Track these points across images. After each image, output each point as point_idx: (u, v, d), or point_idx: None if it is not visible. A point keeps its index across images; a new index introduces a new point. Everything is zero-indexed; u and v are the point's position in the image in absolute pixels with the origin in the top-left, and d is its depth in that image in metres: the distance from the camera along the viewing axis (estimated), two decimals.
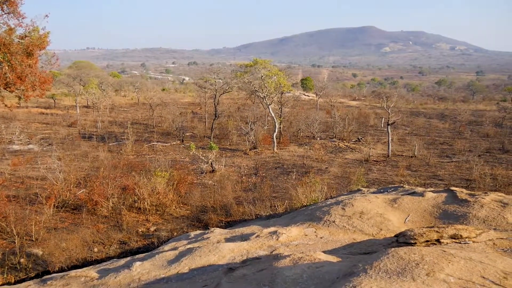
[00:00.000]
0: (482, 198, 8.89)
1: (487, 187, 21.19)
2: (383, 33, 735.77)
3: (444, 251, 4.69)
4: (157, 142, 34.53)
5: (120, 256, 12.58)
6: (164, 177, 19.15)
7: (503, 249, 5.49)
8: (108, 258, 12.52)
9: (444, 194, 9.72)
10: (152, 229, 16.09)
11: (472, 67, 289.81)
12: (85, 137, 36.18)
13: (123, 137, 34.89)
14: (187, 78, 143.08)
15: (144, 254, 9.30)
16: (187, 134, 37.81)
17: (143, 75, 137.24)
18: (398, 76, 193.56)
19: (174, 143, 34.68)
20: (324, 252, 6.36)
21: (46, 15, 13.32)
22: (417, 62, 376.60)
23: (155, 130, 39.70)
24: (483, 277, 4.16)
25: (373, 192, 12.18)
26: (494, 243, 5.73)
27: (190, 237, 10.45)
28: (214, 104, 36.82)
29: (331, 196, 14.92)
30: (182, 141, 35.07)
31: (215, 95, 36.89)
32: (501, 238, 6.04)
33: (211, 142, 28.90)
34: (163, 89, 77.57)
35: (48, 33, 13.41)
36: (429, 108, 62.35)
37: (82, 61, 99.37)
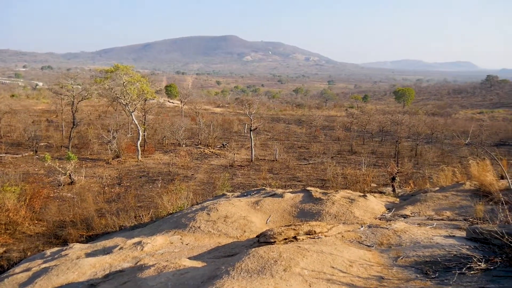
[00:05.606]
0: (333, 195, 9.73)
1: (339, 185, 23.21)
2: (244, 43, 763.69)
3: (300, 246, 5.05)
4: (5, 153, 31.16)
5: None
6: (14, 192, 17.37)
7: (350, 240, 6.09)
8: None
9: (301, 194, 10.40)
10: (0, 250, 14.49)
11: (324, 76, 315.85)
12: None
13: None
14: (40, 84, 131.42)
15: None
16: (42, 144, 34.82)
17: None
18: (259, 84, 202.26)
19: (26, 154, 31.66)
20: (190, 258, 6.39)
21: None
22: (276, 71, 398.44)
23: (3, 141, 35.80)
24: (333, 267, 4.58)
25: (238, 196, 12.55)
26: (342, 236, 6.33)
27: (46, 255, 9.64)
28: (72, 111, 34.53)
29: (197, 202, 14.99)
30: (36, 151, 32.19)
31: (73, 102, 34.63)
32: (349, 231, 6.69)
33: (69, 152, 27.07)
34: (13, 95, 70.33)
35: None
36: (288, 114, 66.19)
37: None
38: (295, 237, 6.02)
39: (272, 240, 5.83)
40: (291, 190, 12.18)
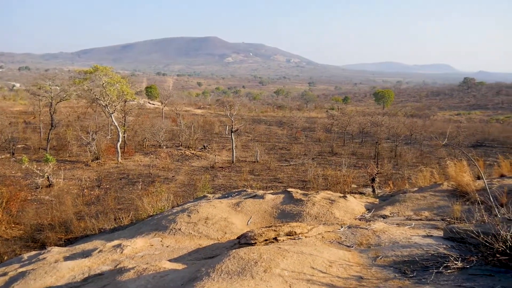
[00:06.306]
0: (314, 196, 9.78)
1: (319, 186, 23.36)
2: (226, 44, 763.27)
3: (280, 247, 5.07)
4: None
5: None
6: None
7: (330, 241, 6.14)
8: None
9: (282, 195, 10.43)
10: None
11: (305, 78, 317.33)
12: None
13: None
14: (17, 85, 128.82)
15: None
16: (19, 146, 34.19)
17: None
18: (240, 86, 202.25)
19: (3, 156, 31.03)
20: (170, 260, 6.35)
21: None
22: (257, 73, 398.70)
23: None
24: (313, 268, 4.61)
25: (218, 198, 12.52)
26: (322, 236, 6.37)
27: (23, 259, 9.46)
28: (50, 113, 33.99)
29: (177, 204, 14.91)
30: (13, 154, 31.58)
31: (51, 103, 34.09)
32: (329, 231, 6.74)
33: (47, 154, 26.63)
34: None
35: None
36: (269, 116, 66.28)
37: None
38: (275, 238, 6.04)
39: (252, 241, 5.83)
40: (272, 191, 12.20)
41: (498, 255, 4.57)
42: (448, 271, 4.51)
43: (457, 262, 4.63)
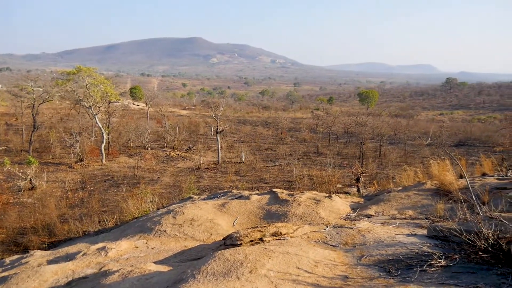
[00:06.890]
0: (299, 197, 9.82)
1: (305, 186, 23.41)
2: (210, 45, 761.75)
3: (265, 248, 5.07)
4: None
5: None
6: None
7: (315, 241, 6.16)
8: None
9: (268, 196, 10.45)
10: None
11: (290, 79, 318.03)
12: None
13: None
14: None
15: None
16: (0, 148, 33.64)
17: None
18: (225, 86, 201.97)
19: None
20: (155, 262, 6.31)
21: None
22: (243, 73, 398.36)
23: None
24: (298, 268, 4.62)
25: (204, 199, 12.49)
26: (308, 236, 6.39)
27: (5, 264, 9.31)
28: (33, 114, 33.51)
29: (162, 205, 14.82)
30: None
31: (34, 105, 33.62)
32: (314, 231, 6.77)
33: (29, 156, 26.27)
34: None
35: None
36: (254, 116, 66.29)
37: None
38: (261, 239, 6.04)
39: (238, 242, 5.83)
40: (257, 192, 12.21)
41: (481, 253, 4.64)
42: (432, 269, 4.56)
43: (440, 260, 4.68)
